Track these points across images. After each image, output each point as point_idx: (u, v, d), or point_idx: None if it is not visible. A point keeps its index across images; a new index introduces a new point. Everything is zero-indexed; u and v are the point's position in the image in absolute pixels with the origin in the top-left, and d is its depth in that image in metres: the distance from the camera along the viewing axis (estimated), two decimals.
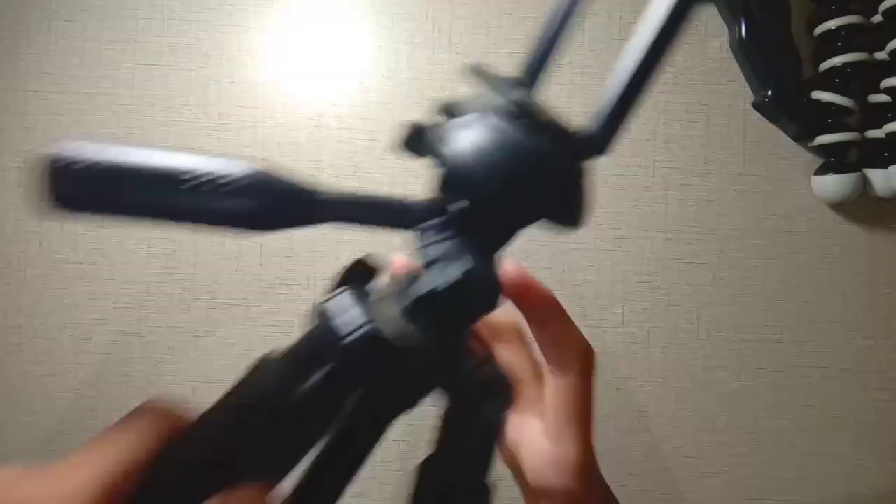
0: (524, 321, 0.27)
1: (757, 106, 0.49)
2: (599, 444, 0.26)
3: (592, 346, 0.26)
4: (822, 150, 0.49)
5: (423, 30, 0.49)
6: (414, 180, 0.49)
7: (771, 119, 0.49)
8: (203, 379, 0.48)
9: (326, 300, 0.20)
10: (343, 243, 0.48)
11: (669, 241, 0.49)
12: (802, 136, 0.50)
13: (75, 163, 0.17)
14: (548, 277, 0.31)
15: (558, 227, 0.20)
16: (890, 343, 0.50)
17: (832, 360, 0.50)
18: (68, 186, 0.17)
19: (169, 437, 0.20)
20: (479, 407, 0.21)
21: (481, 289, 0.19)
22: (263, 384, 0.19)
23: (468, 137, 0.19)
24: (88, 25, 0.48)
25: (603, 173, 0.49)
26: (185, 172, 0.18)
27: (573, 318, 0.26)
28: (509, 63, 0.29)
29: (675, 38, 0.19)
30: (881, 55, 0.47)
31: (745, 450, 0.49)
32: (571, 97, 0.49)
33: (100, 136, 0.48)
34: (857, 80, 0.48)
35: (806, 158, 0.50)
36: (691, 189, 0.50)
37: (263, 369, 0.20)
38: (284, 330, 0.48)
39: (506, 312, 0.25)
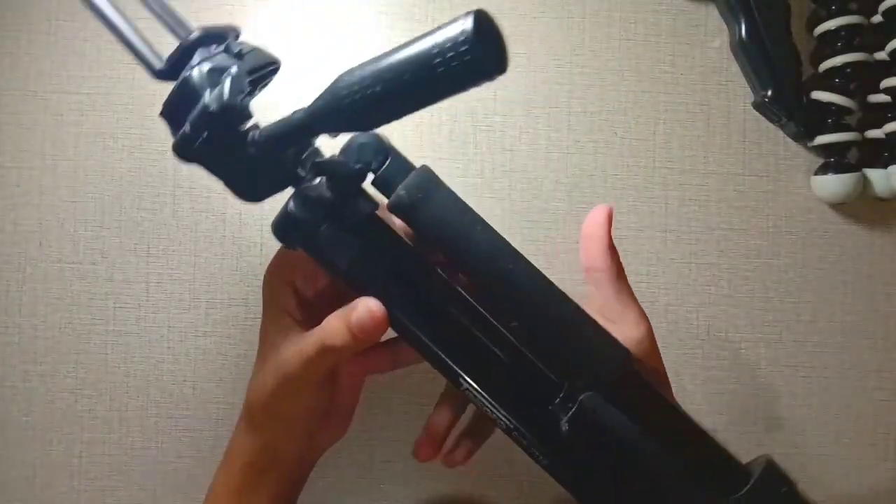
0: None
1: (757, 106, 0.49)
2: None
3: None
4: (822, 150, 0.49)
5: (423, 30, 0.49)
6: None
7: (771, 119, 0.49)
8: (203, 379, 0.48)
9: None
10: None
11: (669, 241, 0.49)
12: (802, 136, 0.50)
13: None
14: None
15: None
16: (890, 343, 0.50)
17: (832, 360, 0.50)
18: None
19: None
20: None
21: None
22: None
23: None
24: (88, 25, 0.48)
25: (602, 173, 0.49)
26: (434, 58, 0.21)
27: None
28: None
29: None
30: (881, 55, 0.47)
31: (745, 450, 0.49)
32: (571, 97, 0.49)
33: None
34: (857, 80, 0.48)
35: (806, 158, 0.50)
36: (691, 189, 0.50)
37: None
38: None
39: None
